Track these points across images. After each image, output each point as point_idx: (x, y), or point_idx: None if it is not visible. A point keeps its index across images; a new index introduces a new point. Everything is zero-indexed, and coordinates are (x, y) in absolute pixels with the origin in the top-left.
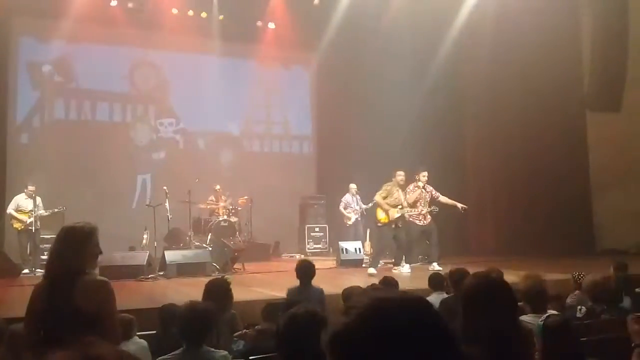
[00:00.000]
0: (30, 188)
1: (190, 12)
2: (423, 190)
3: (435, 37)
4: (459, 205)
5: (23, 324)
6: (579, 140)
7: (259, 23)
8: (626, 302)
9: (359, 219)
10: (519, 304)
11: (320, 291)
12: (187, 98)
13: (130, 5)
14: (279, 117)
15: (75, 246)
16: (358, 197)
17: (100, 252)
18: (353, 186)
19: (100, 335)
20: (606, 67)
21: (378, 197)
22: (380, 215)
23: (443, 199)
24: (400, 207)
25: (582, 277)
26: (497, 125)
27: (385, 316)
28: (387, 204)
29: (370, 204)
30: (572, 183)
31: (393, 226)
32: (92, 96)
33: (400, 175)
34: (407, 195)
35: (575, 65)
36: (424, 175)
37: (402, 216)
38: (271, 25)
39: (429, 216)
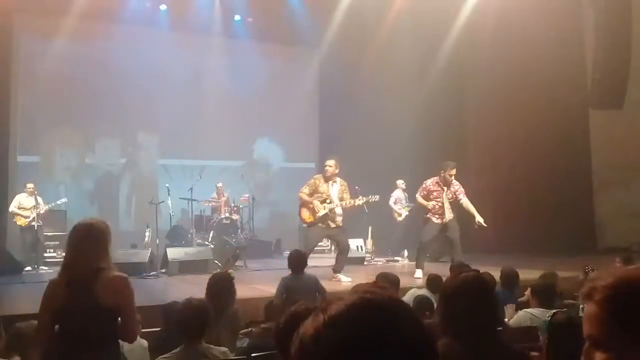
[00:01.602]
0: (29, 186)
1: (193, 10)
2: (445, 188)
3: (436, 36)
4: (477, 219)
5: (37, 320)
6: (582, 137)
7: (261, 20)
8: None
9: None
10: (524, 298)
11: (314, 279)
12: (189, 96)
13: (132, 2)
14: (280, 115)
15: (95, 242)
16: (407, 194)
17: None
18: (401, 182)
19: (116, 331)
20: (609, 64)
21: (301, 194)
22: (305, 214)
23: (465, 202)
24: (328, 202)
25: (591, 271)
26: (499, 123)
27: (355, 325)
28: (310, 200)
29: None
30: (574, 180)
31: (323, 226)
32: (95, 93)
33: (326, 166)
34: (420, 194)
35: (577, 63)
36: (450, 175)
37: (331, 213)
38: (273, 24)
39: (449, 213)
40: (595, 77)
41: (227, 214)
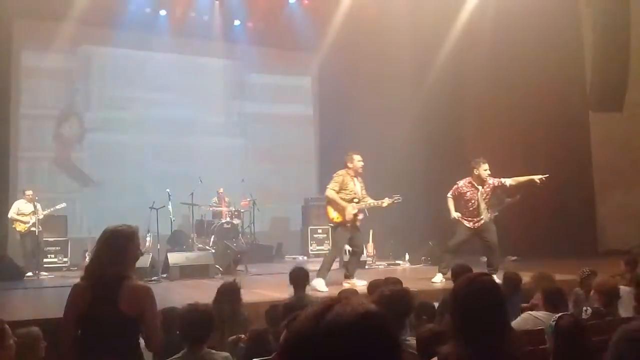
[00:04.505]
0: (28, 193)
1: (192, 14)
2: (480, 187)
3: (434, 38)
4: (537, 177)
5: (61, 323)
6: (582, 140)
7: (261, 26)
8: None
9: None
10: (534, 302)
11: (315, 300)
12: (187, 101)
13: (131, 7)
14: (280, 119)
15: (119, 249)
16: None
17: (142, 254)
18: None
19: (137, 339)
20: (608, 66)
21: (330, 192)
22: (332, 214)
23: (510, 181)
24: (356, 200)
25: (586, 273)
26: (499, 127)
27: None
28: (342, 199)
29: (511, 200)
30: (575, 183)
31: (349, 225)
32: (95, 98)
33: (359, 161)
34: (452, 194)
35: (577, 65)
36: (485, 170)
37: (358, 213)
38: (272, 29)
39: (486, 213)
40: (594, 80)
41: (228, 219)
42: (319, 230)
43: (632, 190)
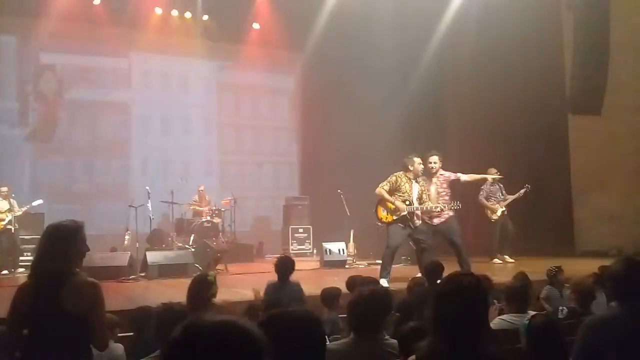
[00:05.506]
0: (3, 189)
1: (174, 12)
2: (433, 180)
3: (418, 39)
4: (490, 176)
5: (5, 324)
6: (561, 142)
7: (245, 24)
8: (602, 298)
9: (505, 212)
10: (500, 304)
11: (299, 288)
12: (171, 99)
13: (113, 4)
14: (262, 118)
15: (61, 244)
16: (501, 185)
17: (88, 250)
18: (493, 170)
19: (88, 337)
20: (588, 70)
21: (379, 190)
22: (382, 213)
23: (469, 177)
24: (407, 203)
25: (553, 272)
26: (479, 128)
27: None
28: (391, 200)
29: (515, 196)
30: (553, 185)
31: (402, 226)
32: (76, 96)
33: (420, 164)
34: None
35: (557, 69)
36: (433, 162)
37: (412, 214)
38: (256, 26)
39: (445, 212)
40: (573, 83)
41: (209, 217)
42: (300, 230)
43: (609, 193)
